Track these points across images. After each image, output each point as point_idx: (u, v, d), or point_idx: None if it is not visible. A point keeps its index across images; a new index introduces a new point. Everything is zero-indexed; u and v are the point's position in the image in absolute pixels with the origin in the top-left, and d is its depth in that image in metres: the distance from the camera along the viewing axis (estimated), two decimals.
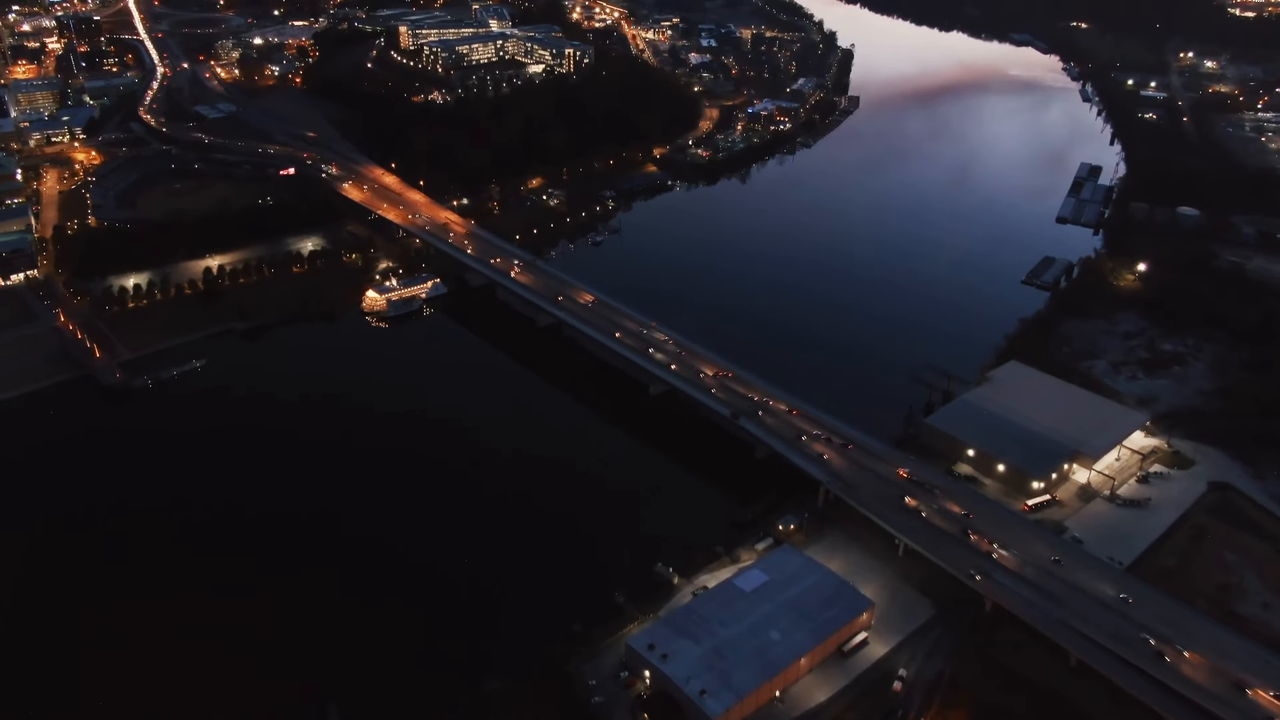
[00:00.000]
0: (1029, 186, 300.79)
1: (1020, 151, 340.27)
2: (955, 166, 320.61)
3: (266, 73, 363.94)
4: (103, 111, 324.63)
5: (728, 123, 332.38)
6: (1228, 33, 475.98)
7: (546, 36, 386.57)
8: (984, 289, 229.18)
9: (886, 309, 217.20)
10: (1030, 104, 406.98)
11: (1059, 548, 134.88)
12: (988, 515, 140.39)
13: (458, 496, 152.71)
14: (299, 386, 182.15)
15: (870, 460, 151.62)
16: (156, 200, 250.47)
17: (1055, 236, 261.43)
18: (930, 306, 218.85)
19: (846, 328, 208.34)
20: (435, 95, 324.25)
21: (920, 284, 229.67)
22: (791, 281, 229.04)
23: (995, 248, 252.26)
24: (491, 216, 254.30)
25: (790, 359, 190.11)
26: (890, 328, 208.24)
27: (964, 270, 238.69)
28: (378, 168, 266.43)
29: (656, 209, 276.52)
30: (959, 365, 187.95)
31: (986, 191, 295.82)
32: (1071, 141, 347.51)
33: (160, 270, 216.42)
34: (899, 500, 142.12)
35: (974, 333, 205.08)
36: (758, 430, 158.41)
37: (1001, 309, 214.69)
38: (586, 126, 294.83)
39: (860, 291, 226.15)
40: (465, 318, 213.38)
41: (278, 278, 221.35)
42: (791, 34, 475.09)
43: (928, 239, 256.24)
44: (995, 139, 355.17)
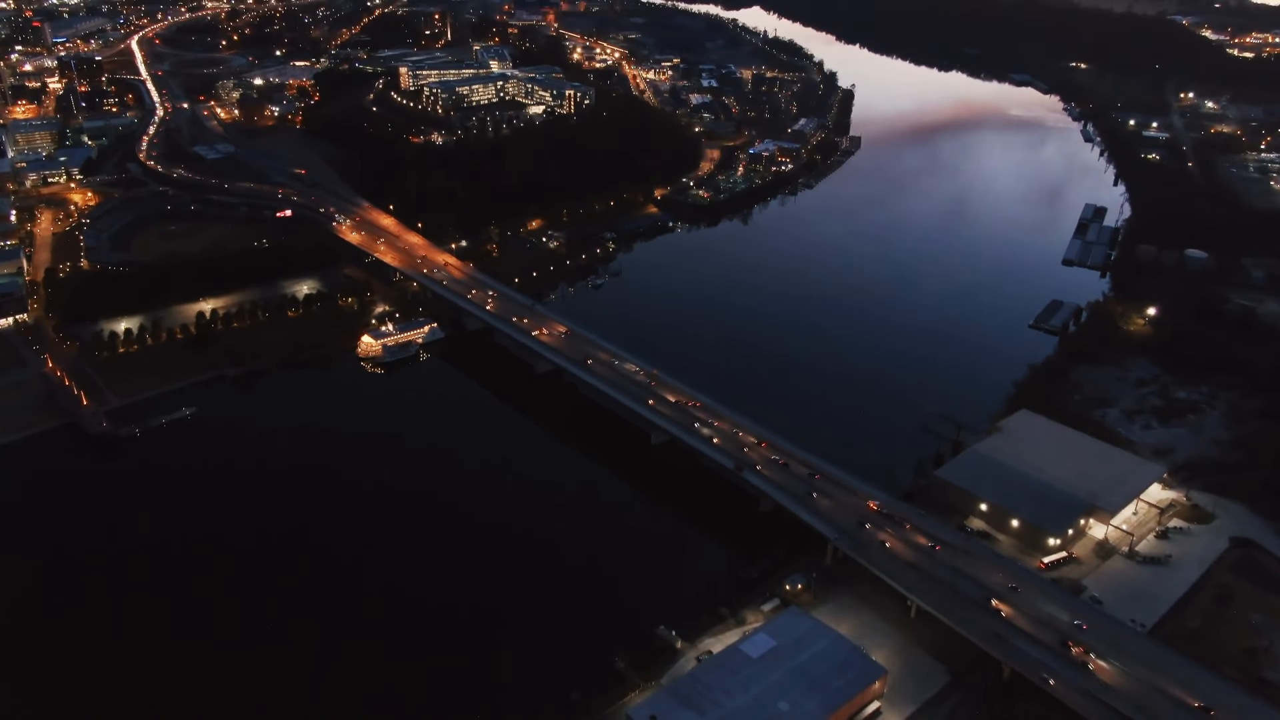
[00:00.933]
0: (1033, 227, 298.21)
1: (1023, 192, 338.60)
2: (958, 207, 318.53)
3: (266, 113, 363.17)
4: (101, 152, 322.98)
5: (729, 163, 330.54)
6: (1227, 73, 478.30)
7: (547, 77, 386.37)
8: (991, 333, 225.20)
9: (893, 354, 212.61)
10: (1031, 144, 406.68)
11: (1078, 609, 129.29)
12: (1003, 574, 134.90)
13: (452, 551, 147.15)
14: (289, 436, 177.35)
15: (881, 517, 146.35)
16: (151, 242, 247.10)
17: (1062, 279, 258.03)
18: (937, 351, 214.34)
19: (852, 373, 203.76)
20: (435, 136, 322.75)
21: (926, 328, 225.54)
22: (795, 325, 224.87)
23: (1001, 290, 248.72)
24: (490, 259, 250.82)
25: (794, 405, 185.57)
26: (897, 373, 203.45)
27: (971, 313, 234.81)
28: (376, 209, 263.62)
29: (657, 251, 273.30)
30: (968, 413, 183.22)
31: (991, 233, 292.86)
32: (1074, 182, 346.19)
33: (152, 314, 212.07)
34: (909, 559, 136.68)
35: (982, 378, 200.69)
36: (762, 484, 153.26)
37: (1010, 354, 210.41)
38: (587, 167, 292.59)
39: (866, 336, 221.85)
40: (462, 363, 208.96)
41: (272, 322, 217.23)
42: (792, 74, 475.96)
43: (933, 282, 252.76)
44: (997, 179, 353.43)
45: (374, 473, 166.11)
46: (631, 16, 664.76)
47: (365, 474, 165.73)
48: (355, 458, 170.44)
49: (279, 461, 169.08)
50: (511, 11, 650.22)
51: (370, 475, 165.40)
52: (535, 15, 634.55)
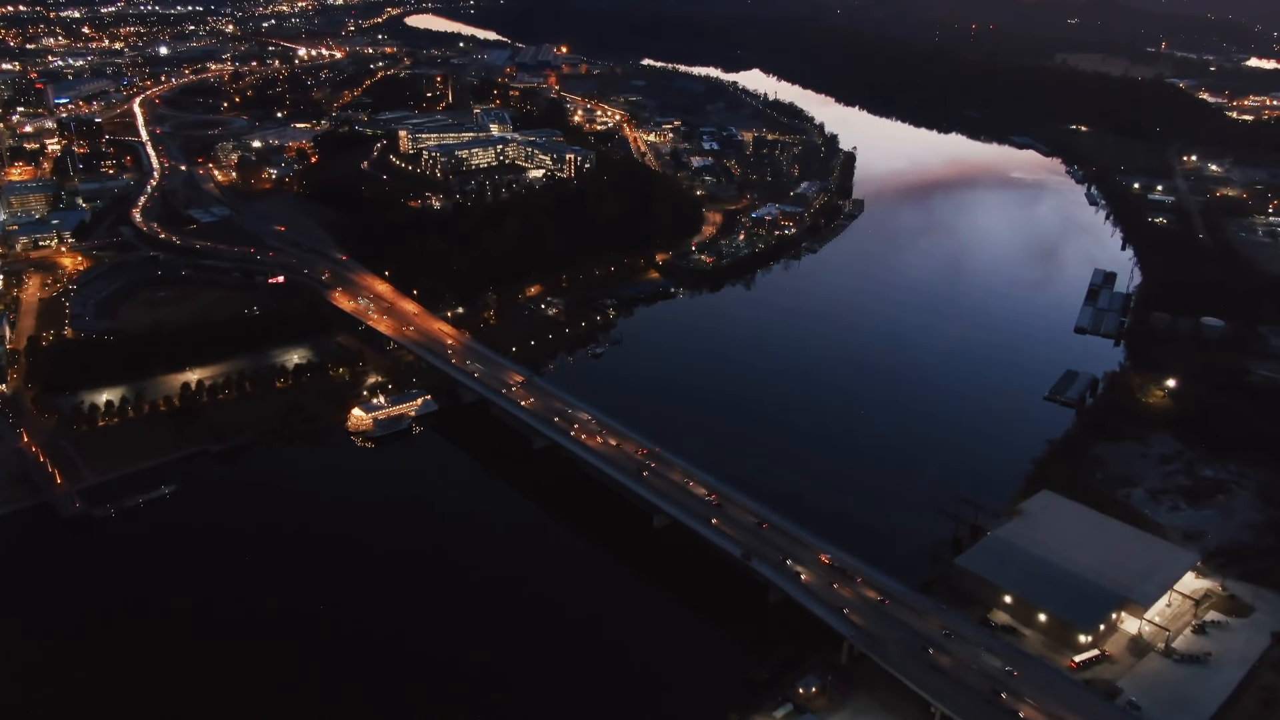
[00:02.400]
0: (1042, 292, 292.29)
1: (1030, 257, 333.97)
2: (964, 272, 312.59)
3: (264, 176, 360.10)
4: (95, 214, 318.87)
5: (731, 227, 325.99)
6: (1228, 136, 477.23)
7: (547, 141, 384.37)
8: (1005, 405, 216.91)
9: (904, 426, 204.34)
10: (1035, 207, 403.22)
11: (1117, 716, 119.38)
12: (1031, 675, 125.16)
13: (438, 646, 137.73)
14: (270, 517, 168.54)
15: (897, 609, 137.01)
16: (138, 309, 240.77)
17: (1074, 347, 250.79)
18: (950, 424, 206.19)
19: (860, 447, 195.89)
20: (433, 200, 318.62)
21: (938, 399, 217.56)
22: (799, 397, 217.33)
23: (1013, 360, 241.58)
24: (487, 327, 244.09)
25: (799, 482, 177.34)
26: (908, 448, 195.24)
27: (982, 384, 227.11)
28: (371, 275, 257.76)
29: (659, 317, 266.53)
30: (986, 491, 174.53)
31: (999, 299, 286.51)
32: (1081, 246, 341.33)
33: (136, 385, 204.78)
34: (931, 657, 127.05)
35: (998, 455, 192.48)
36: (771, 573, 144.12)
37: (1025, 428, 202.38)
38: (587, 232, 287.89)
39: (873, 408, 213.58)
40: (457, 436, 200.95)
41: (259, 393, 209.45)
42: (793, 136, 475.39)
43: (941, 350, 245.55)
44: (1003, 244, 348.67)
45: (358, 555, 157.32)
46: (632, 79, 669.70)
47: (350, 556, 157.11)
48: (339, 538, 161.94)
49: (257, 543, 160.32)
50: (513, 74, 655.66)
51: (353, 558, 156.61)
52: (537, 78, 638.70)
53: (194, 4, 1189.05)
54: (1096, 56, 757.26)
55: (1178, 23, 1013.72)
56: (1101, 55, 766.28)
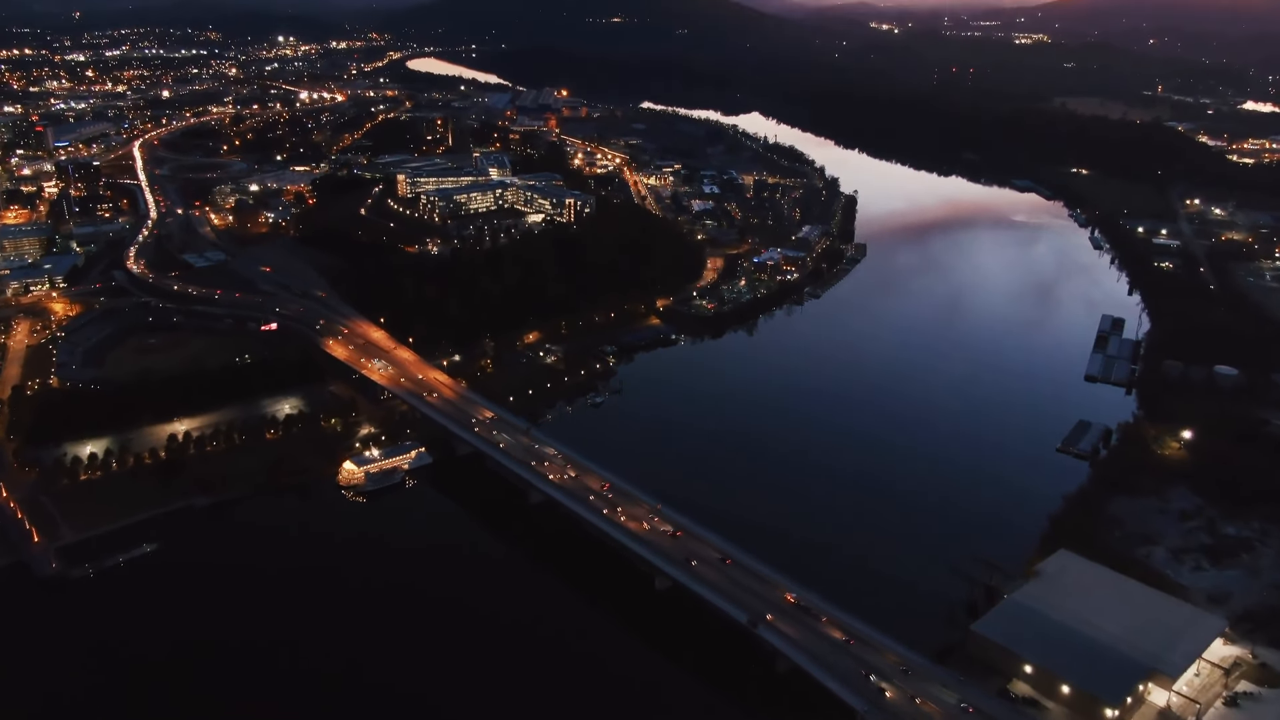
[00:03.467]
0: (1050, 339, 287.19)
1: (1036, 301, 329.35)
2: (970, 318, 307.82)
3: (260, 219, 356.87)
4: (88, 259, 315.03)
5: (732, 272, 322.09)
6: (1229, 179, 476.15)
7: (547, 185, 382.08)
8: (1016, 457, 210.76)
9: (910, 480, 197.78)
10: (1039, 251, 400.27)
11: None
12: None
13: (427, 712, 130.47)
14: (254, 578, 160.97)
15: (913, 680, 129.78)
16: (127, 357, 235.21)
17: (1085, 396, 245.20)
18: (960, 477, 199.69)
19: (866, 501, 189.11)
20: (430, 245, 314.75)
21: (946, 450, 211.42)
22: (803, 449, 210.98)
23: (1023, 409, 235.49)
24: (484, 375, 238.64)
25: (804, 537, 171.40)
26: (918, 501, 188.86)
27: (992, 434, 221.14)
28: (366, 321, 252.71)
29: (659, 365, 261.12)
30: (1000, 549, 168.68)
31: (1006, 345, 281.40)
32: (1087, 290, 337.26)
33: (121, 436, 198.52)
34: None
35: (1011, 509, 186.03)
36: (779, 642, 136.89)
37: (1038, 481, 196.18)
38: (586, 277, 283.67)
39: (881, 459, 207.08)
40: (451, 491, 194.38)
41: (248, 444, 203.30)
42: (793, 180, 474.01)
43: (949, 399, 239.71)
44: (1008, 288, 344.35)
45: (343, 617, 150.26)
46: (633, 122, 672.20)
47: (336, 618, 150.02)
48: (325, 599, 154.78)
49: (238, 605, 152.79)
50: (514, 117, 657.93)
51: (341, 620, 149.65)
52: (537, 121, 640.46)
53: (198, 48, 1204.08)
54: (1094, 100, 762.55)
55: (1173, 66, 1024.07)
56: (1099, 99, 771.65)
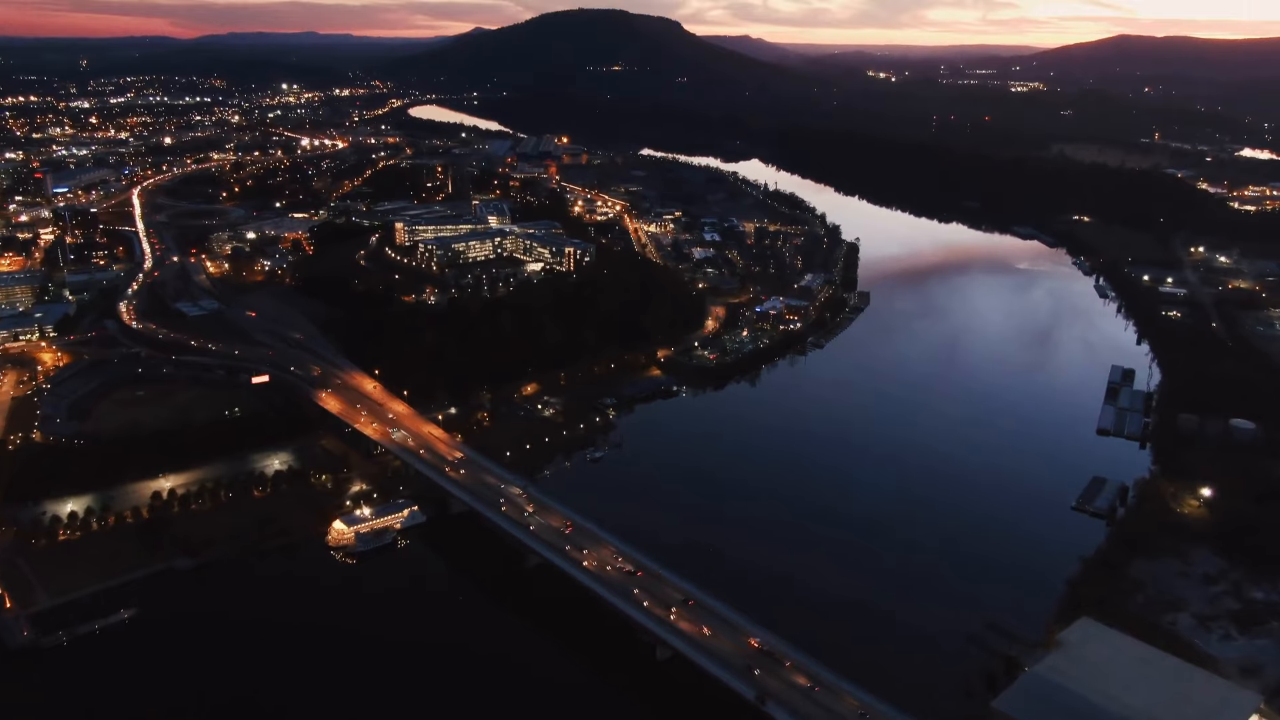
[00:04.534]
0: (1059, 390, 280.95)
1: (1043, 352, 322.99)
2: (976, 369, 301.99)
3: (257, 267, 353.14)
4: (80, 307, 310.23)
5: (734, 321, 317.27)
6: (1233, 227, 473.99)
7: (546, 234, 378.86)
8: (1030, 516, 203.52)
9: (919, 540, 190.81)
10: (1044, 300, 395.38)
11: None
12: None
13: None
14: (235, 646, 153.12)
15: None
16: (114, 410, 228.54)
17: (1098, 451, 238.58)
18: (972, 536, 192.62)
19: (874, 563, 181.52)
20: (428, 295, 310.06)
21: (956, 509, 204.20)
22: (809, 505, 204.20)
23: (1035, 464, 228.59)
24: (480, 429, 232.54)
25: (811, 600, 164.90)
26: (928, 563, 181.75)
27: (1004, 492, 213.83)
28: (360, 373, 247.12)
29: (661, 418, 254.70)
30: (1017, 616, 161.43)
31: (1015, 397, 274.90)
32: (1094, 340, 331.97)
33: (104, 493, 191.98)
34: None
35: (1027, 573, 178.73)
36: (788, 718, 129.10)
37: (1054, 542, 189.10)
38: (586, 328, 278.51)
39: (887, 517, 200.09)
40: (445, 551, 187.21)
41: (235, 502, 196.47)
42: (795, 227, 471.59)
43: (957, 454, 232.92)
44: (1014, 338, 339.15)
45: (328, 687, 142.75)
46: (633, 169, 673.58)
47: (319, 687, 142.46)
48: (309, 667, 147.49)
49: (218, 676, 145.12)
50: (514, 164, 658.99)
51: (324, 689, 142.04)
52: (537, 168, 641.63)
53: (203, 95, 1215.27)
54: (1093, 147, 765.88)
55: (1169, 114, 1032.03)
56: (1097, 146, 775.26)
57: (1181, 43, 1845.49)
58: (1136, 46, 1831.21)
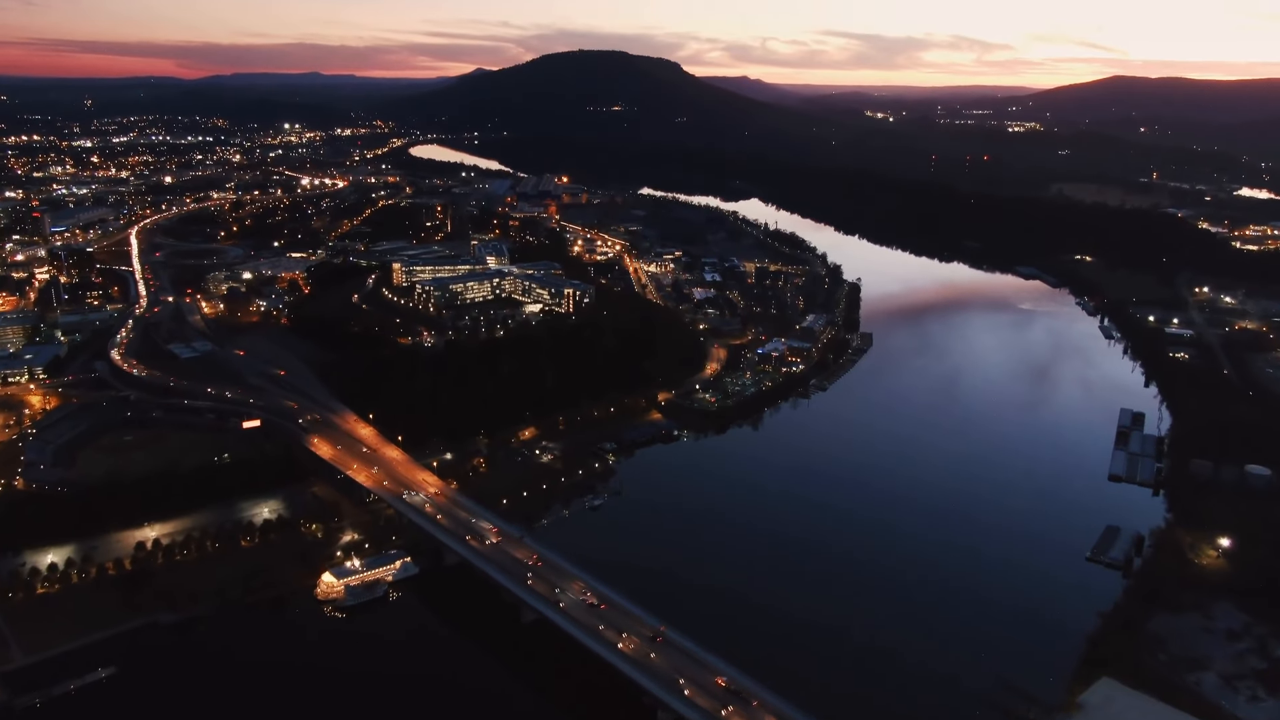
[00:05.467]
0: (1068, 435, 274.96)
1: (1050, 394, 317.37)
2: (982, 412, 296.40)
3: (252, 308, 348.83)
4: (72, 348, 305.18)
5: (736, 363, 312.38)
6: (1236, 267, 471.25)
7: (546, 274, 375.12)
8: (1043, 567, 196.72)
9: (930, 592, 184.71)
10: (1049, 340, 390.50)
11: None
12: None
13: None
14: (216, 708, 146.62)
15: None
16: (100, 456, 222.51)
17: (1110, 497, 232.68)
18: (983, 589, 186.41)
19: (883, 618, 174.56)
20: (424, 337, 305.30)
21: (967, 560, 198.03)
22: (814, 557, 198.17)
23: (1046, 511, 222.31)
24: (477, 475, 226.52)
25: (820, 662, 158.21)
26: (940, 619, 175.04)
27: (1015, 542, 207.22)
28: (354, 417, 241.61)
29: (662, 463, 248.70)
30: (1034, 675, 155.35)
31: (1023, 441, 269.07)
32: (1101, 382, 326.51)
33: (86, 544, 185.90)
34: None
35: (1043, 628, 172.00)
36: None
37: (1069, 595, 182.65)
38: (585, 371, 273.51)
39: (897, 568, 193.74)
40: (438, 604, 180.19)
41: (222, 553, 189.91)
42: (796, 267, 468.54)
43: (966, 501, 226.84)
44: (1020, 380, 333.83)
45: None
46: (633, 209, 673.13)
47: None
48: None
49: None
50: (514, 203, 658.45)
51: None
52: (537, 208, 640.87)
53: (205, 135, 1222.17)
54: (1092, 187, 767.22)
55: (1167, 154, 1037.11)
56: (1096, 185, 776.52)
57: (1175, 83, 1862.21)
58: (1131, 87, 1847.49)
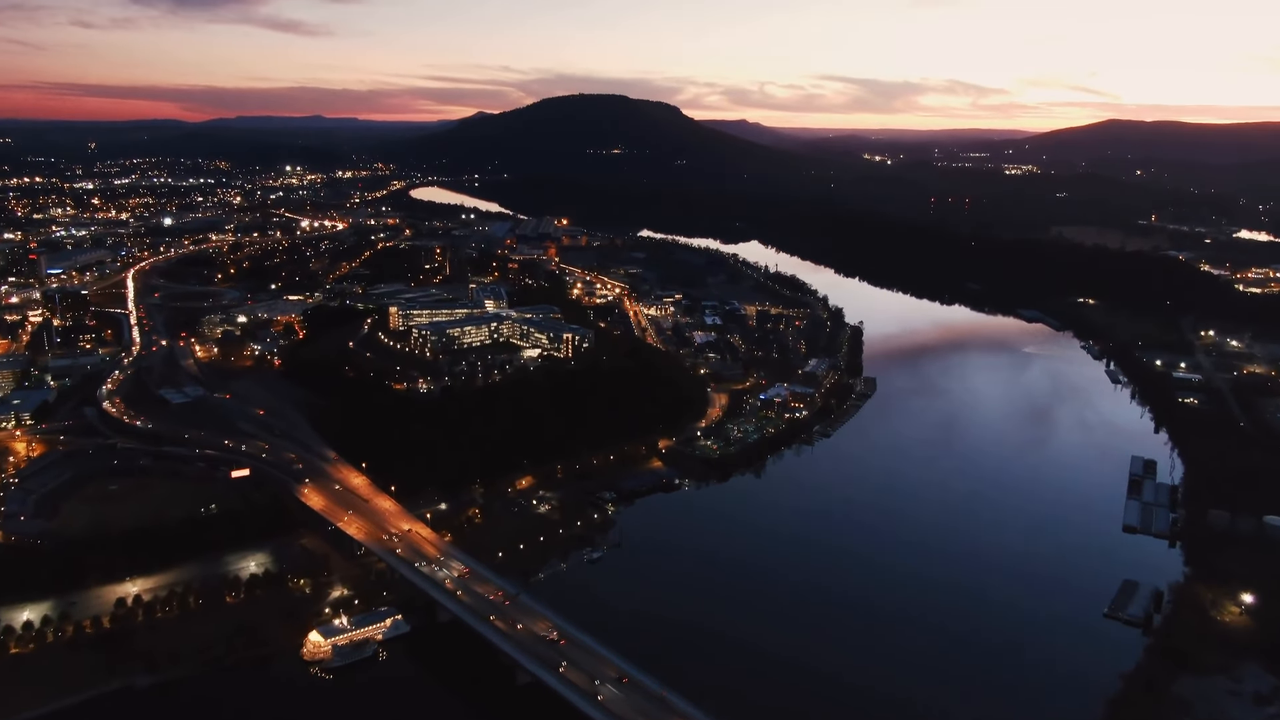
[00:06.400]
0: (1079, 483, 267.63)
1: (1059, 440, 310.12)
2: (989, 458, 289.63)
3: (246, 352, 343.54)
4: (61, 393, 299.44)
5: (738, 409, 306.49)
6: (1241, 310, 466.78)
7: (545, 319, 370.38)
8: (1059, 624, 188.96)
9: (945, 642, 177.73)
10: (1055, 385, 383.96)
11: None
12: None
13: None
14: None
15: None
16: (83, 506, 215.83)
17: (1124, 549, 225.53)
18: (997, 648, 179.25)
19: (894, 682, 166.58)
20: (420, 383, 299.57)
21: (979, 614, 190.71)
22: (821, 614, 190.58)
23: (1060, 563, 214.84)
24: (471, 526, 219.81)
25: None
26: (956, 671, 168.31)
27: (1029, 594, 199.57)
28: (347, 466, 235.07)
29: (662, 513, 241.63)
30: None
31: (1033, 489, 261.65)
32: (1109, 428, 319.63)
33: (65, 599, 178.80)
34: None
35: (1062, 690, 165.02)
36: None
37: (1088, 655, 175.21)
38: (584, 417, 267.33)
39: (908, 625, 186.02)
40: (430, 664, 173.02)
41: (206, 609, 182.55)
42: (796, 310, 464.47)
43: (975, 553, 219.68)
44: (1028, 426, 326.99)
45: None
46: (633, 251, 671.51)
47: None
48: None
49: None
50: (513, 245, 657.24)
51: None
52: (537, 250, 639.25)
53: (206, 177, 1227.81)
54: (1091, 229, 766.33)
55: (1164, 196, 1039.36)
56: (1096, 228, 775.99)
57: (1170, 127, 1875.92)
58: (1126, 131, 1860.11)
